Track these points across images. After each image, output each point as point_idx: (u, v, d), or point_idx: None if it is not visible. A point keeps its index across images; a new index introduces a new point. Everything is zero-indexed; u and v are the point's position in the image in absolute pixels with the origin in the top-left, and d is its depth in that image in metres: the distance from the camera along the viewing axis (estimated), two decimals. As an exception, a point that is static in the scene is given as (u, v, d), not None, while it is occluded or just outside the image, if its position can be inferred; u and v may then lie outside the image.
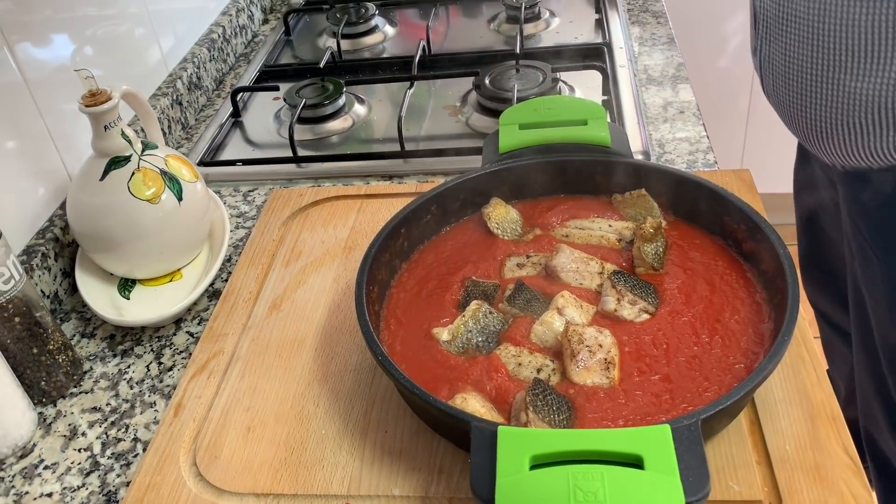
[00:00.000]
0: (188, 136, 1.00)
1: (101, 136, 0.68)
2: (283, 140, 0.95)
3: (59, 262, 0.74)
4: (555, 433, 0.45)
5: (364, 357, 0.61)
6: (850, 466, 0.50)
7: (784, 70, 0.74)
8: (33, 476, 0.59)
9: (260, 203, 0.85)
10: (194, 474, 0.54)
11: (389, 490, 0.51)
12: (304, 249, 0.74)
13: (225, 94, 1.07)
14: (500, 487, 0.42)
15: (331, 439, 0.55)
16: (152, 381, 0.66)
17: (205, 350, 0.64)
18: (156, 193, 0.69)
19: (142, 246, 0.70)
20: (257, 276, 0.71)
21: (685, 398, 0.51)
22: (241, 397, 0.60)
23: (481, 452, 0.44)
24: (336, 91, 0.98)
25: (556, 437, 0.44)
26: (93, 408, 0.64)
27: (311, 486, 0.52)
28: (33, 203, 0.75)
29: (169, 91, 0.97)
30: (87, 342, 0.71)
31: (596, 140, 0.68)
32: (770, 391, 0.55)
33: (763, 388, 0.55)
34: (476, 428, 0.46)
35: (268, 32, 1.25)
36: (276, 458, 0.55)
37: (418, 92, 1.01)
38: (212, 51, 1.09)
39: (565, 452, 0.43)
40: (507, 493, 0.42)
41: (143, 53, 0.97)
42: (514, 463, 0.43)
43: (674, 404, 0.51)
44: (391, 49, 1.16)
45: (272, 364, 0.62)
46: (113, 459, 0.59)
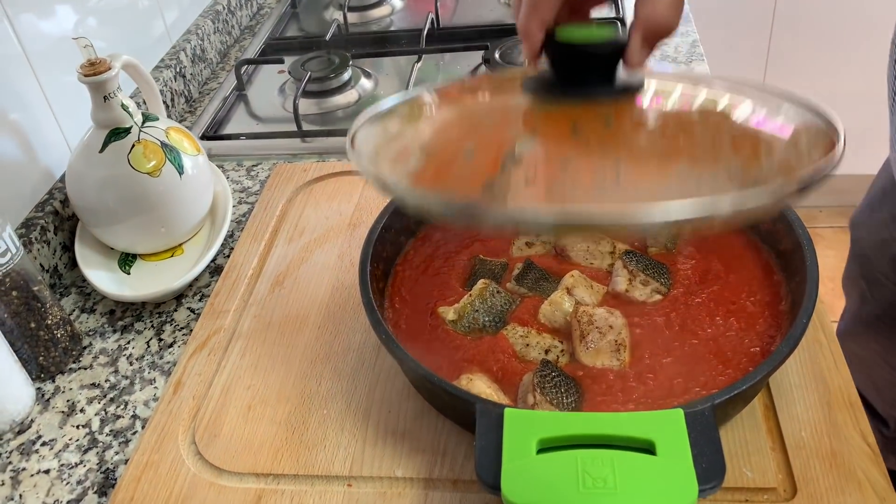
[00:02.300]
0: (191, 109, 0.98)
1: (101, 106, 0.67)
2: (287, 114, 0.93)
3: (58, 235, 0.73)
4: (563, 416, 0.43)
5: (368, 336, 0.60)
6: (867, 453, 0.48)
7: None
8: (31, 452, 0.58)
9: (263, 178, 0.84)
10: (193, 453, 0.53)
11: (392, 471, 0.50)
12: (307, 226, 0.73)
13: (229, 68, 1.05)
14: (505, 472, 0.41)
15: (333, 419, 0.54)
16: (152, 358, 0.64)
17: (205, 326, 0.63)
18: (156, 166, 0.68)
19: (142, 220, 0.69)
20: (260, 253, 0.70)
21: (698, 382, 0.50)
22: (242, 375, 0.58)
23: (487, 435, 0.43)
24: (342, 64, 0.96)
25: (564, 420, 0.43)
26: (92, 384, 0.63)
27: (312, 467, 0.51)
28: (33, 176, 0.73)
29: (172, 63, 0.95)
30: (87, 317, 0.69)
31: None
32: (786, 376, 0.53)
33: (779, 373, 0.53)
34: (481, 410, 0.44)
35: (273, 4, 1.22)
36: (277, 438, 0.53)
37: (426, 66, 0.99)
38: (216, 23, 1.07)
39: (574, 436, 0.42)
40: (513, 478, 0.40)
41: (147, 25, 0.95)
42: (520, 446, 0.42)
43: (686, 388, 0.50)
44: (399, 22, 1.13)
45: (274, 342, 0.61)
46: (111, 436, 0.58)
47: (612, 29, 0.48)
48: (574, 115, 0.46)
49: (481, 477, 0.42)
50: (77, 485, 0.55)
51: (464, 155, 0.45)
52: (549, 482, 0.40)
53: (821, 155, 0.44)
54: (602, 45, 0.46)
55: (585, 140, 0.44)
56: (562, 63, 0.48)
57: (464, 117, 0.50)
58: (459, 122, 0.50)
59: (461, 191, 0.42)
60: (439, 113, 0.53)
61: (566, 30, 0.48)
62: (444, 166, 0.45)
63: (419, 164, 0.46)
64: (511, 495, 0.40)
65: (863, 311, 0.91)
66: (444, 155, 0.46)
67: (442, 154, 0.46)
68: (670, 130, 0.46)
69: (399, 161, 0.47)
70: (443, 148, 0.47)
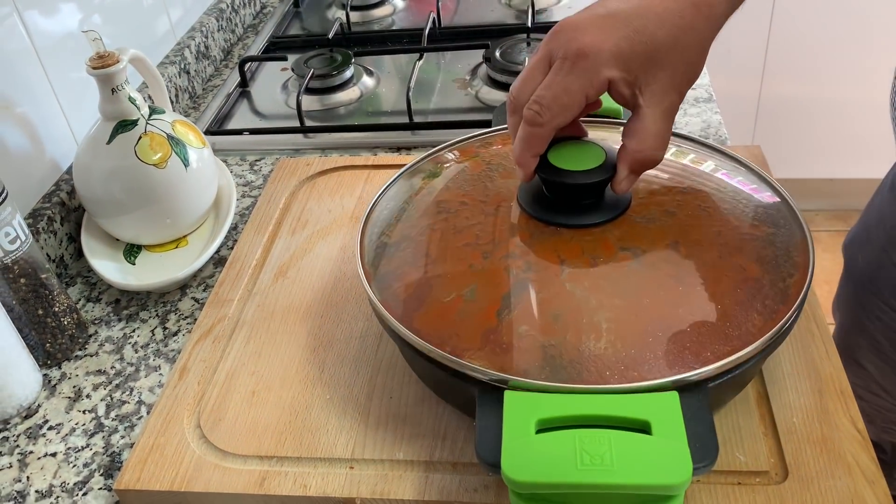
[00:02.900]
0: (195, 105, 0.99)
1: (109, 99, 0.68)
2: (290, 111, 0.94)
3: (64, 226, 0.74)
4: (562, 397, 0.44)
5: (370, 324, 0.61)
6: (857, 439, 0.49)
7: None
8: (38, 436, 0.59)
9: (266, 173, 0.85)
10: (198, 436, 0.54)
11: (393, 454, 0.51)
12: (310, 218, 0.74)
13: (232, 65, 1.07)
14: (506, 451, 0.42)
15: (335, 404, 0.55)
16: (157, 346, 0.65)
17: (210, 315, 0.64)
18: (162, 158, 0.69)
19: (148, 211, 0.70)
20: (263, 244, 0.71)
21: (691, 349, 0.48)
22: (246, 361, 0.59)
23: (487, 416, 0.44)
24: (344, 62, 0.97)
25: (563, 401, 0.44)
26: (97, 370, 0.64)
27: (315, 450, 0.52)
28: (40, 167, 0.74)
29: (177, 59, 0.96)
30: (93, 306, 0.70)
31: (609, 111, 0.67)
32: (778, 365, 0.54)
33: (771, 362, 0.54)
34: (482, 391, 0.45)
35: (276, 4, 1.24)
36: (280, 422, 0.54)
37: (427, 65, 1.00)
38: (220, 20, 1.08)
39: (572, 417, 0.43)
40: (513, 457, 0.41)
41: (152, 22, 0.96)
42: (520, 427, 0.43)
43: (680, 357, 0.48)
44: (400, 22, 1.15)
45: (277, 330, 0.62)
46: (117, 421, 0.59)
47: (600, 153, 0.54)
48: (564, 246, 0.52)
49: (481, 456, 0.42)
50: (83, 467, 0.56)
51: (466, 296, 0.50)
52: (548, 460, 0.41)
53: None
54: (591, 174, 0.52)
55: (574, 281, 0.50)
56: (553, 185, 0.54)
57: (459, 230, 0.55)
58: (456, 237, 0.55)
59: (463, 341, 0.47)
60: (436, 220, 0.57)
61: (558, 154, 0.54)
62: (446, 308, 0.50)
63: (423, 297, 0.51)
64: (511, 473, 0.41)
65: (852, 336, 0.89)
66: (446, 292, 0.51)
67: (445, 290, 0.51)
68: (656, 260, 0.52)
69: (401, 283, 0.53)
70: (446, 283, 0.52)
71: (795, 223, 0.54)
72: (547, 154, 0.53)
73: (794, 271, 0.50)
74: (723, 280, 0.50)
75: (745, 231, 0.54)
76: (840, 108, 1.91)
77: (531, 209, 0.54)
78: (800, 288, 0.49)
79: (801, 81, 1.91)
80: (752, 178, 0.59)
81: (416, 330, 0.48)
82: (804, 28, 1.82)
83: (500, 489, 0.49)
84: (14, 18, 0.71)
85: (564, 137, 0.55)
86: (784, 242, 0.53)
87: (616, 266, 0.50)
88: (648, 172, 0.55)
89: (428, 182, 0.62)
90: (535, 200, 0.55)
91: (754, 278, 0.50)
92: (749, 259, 0.51)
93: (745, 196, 0.57)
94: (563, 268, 0.51)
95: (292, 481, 0.51)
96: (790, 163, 1.95)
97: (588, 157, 0.53)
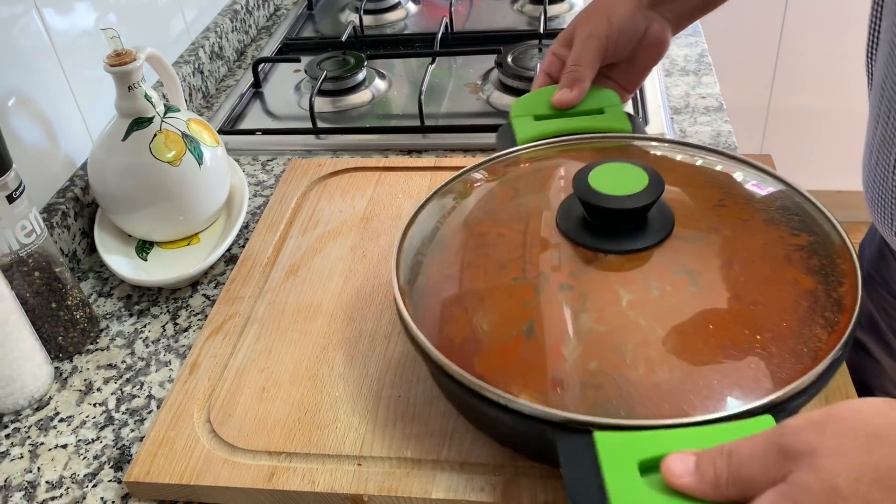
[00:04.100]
0: (208, 104, 1.00)
1: (125, 96, 0.69)
2: (302, 112, 0.95)
3: (78, 221, 0.75)
4: (660, 434, 0.41)
5: (379, 324, 0.62)
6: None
7: None
8: (49, 428, 0.59)
9: (278, 172, 0.86)
10: (208, 431, 0.55)
11: (401, 452, 0.52)
12: (321, 218, 0.74)
13: (246, 66, 1.08)
14: (615, 500, 0.38)
15: (344, 402, 0.56)
16: (168, 341, 0.66)
17: (221, 312, 0.65)
18: (177, 156, 0.70)
19: (161, 207, 0.71)
20: (275, 243, 0.72)
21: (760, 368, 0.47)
22: (257, 358, 0.60)
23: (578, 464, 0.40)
24: (357, 64, 0.98)
25: (663, 437, 0.40)
26: (108, 364, 0.64)
27: (323, 446, 0.53)
28: (55, 163, 0.75)
29: (191, 59, 0.97)
30: (104, 301, 0.71)
31: (615, 129, 0.65)
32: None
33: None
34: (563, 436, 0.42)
35: (290, 6, 1.25)
36: (289, 418, 0.55)
37: (439, 70, 1.01)
38: (234, 21, 1.09)
39: None
40: None
41: (167, 22, 0.97)
42: (623, 471, 0.39)
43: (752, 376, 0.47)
44: (413, 26, 1.16)
45: (288, 327, 0.62)
46: (127, 415, 0.60)
47: (642, 175, 0.52)
48: (616, 273, 0.50)
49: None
50: (94, 459, 0.57)
51: (525, 334, 0.47)
52: (666, 500, 0.37)
53: None
54: (635, 199, 0.50)
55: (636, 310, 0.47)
56: (596, 210, 0.51)
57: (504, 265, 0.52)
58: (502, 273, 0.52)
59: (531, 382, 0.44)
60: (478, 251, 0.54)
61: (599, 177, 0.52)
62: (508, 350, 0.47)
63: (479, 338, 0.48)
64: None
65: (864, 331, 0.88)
66: (503, 330, 0.48)
67: (501, 329, 0.48)
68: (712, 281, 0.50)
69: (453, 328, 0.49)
70: (501, 322, 0.49)
71: (832, 229, 0.53)
72: (588, 177, 0.52)
73: (843, 279, 0.49)
74: (782, 296, 0.48)
75: (788, 241, 0.52)
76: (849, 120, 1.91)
77: (575, 236, 0.51)
78: (853, 297, 0.48)
79: (811, 92, 1.91)
80: (779, 185, 0.57)
81: (481, 375, 0.45)
82: (814, 39, 1.82)
83: (507, 488, 0.49)
84: (33, 15, 0.72)
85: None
86: (826, 250, 0.51)
87: (675, 291, 0.48)
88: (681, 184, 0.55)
89: (458, 213, 0.59)
90: (577, 226, 0.52)
91: (809, 290, 0.48)
92: (800, 270, 0.50)
93: (779, 204, 0.56)
94: (622, 297, 0.48)
95: (301, 477, 0.51)
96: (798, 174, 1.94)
97: (630, 178, 0.51)
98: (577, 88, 0.66)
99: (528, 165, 0.63)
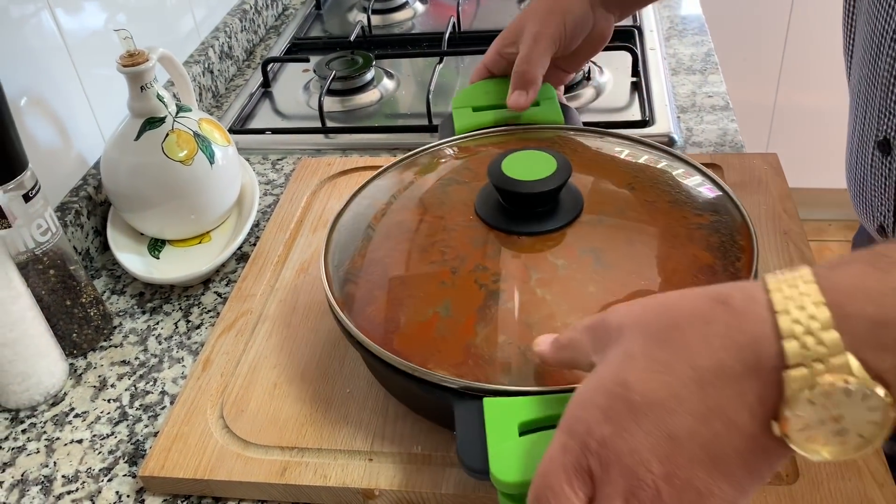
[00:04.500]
0: (218, 104, 1.01)
1: (138, 96, 0.69)
2: (311, 111, 0.96)
3: (91, 220, 0.75)
4: (541, 399, 0.44)
5: (389, 321, 0.62)
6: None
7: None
8: (64, 423, 0.60)
9: (288, 172, 0.86)
10: (221, 426, 0.56)
11: (412, 448, 0.53)
12: (331, 217, 0.75)
13: (255, 66, 1.08)
14: (493, 455, 0.42)
15: (355, 398, 0.57)
16: (180, 338, 0.67)
17: (233, 309, 0.66)
18: (188, 155, 0.70)
19: (173, 206, 0.72)
20: (285, 241, 0.72)
21: None
22: (269, 355, 0.61)
23: (468, 425, 0.45)
24: (365, 64, 0.98)
25: (543, 402, 0.44)
26: (122, 361, 0.65)
27: (335, 442, 0.54)
28: (68, 162, 0.76)
29: (201, 59, 0.98)
30: (117, 299, 0.72)
31: (549, 119, 0.69)
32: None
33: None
34: (459, 402, 0.46)
35: (298, 6, 1.25)
36: (301, 414, 0.56)
37: (446, 69, 1.01)
38: (243, 21, 1.10)
39: (554, 416, 0.42)
40: (501, 460, 0.42)
41: (177, 22, 0.98)
42: (503, 431, 0.43)
43: None
44: (420, 26, 1.16)
45: (299, 324, 0.63)
46: (141, 411, 0.61)
47: (551, 160, 0.56)
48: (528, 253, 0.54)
49: (467, 464, 0.43)
50: (108, 454, 0.58)
51: (441, 313, 0.51)
52: (535, 458, 0.40)
53: None
54: (545, 182, 0.54)
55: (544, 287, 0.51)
56: (509, 195, 0.55)
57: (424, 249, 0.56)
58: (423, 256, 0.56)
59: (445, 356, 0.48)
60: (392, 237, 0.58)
61: (512, 164, 0.56)
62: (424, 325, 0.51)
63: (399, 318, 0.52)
64: (501, 475, 0.41)
65: None
66: (421, 309, 0.52)
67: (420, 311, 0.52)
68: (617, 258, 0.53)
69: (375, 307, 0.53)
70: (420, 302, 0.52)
71: (734, 209, 0.57)
72: (501, 164, 0.56)
73: (740, 254, 0.53)
74: (681, 271, 0.52)
75: (691, 221, 0.56)
76: (855, 119, 1.91)
77: (491, 220, 0.56)
78: (749, 270, 0.51)
79: (817, 90, 1.91)
80: (690, 170, 0.61)
81: (397, 351, 0.49)
82: (820, 37, 1.82)
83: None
84: (45, 15, 0.73)
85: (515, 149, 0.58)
86: (727, 227, 0.55)
87: (580, 268, 0.52)
88: (594, 171, 0.59)
89: (386, 202, 0.62)
90: (493, 211, 0.56)
91: (707, 265, 0.52)
92: (700, 247, 0.53)
93: (685, 187, 0.60)
94: (531, 275, 0.52)
95: (313, 471, 0.52)
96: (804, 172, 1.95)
97: (540, 165, 0.55)
98: (531, 91, 0.67)
99: (459, 155, 0.67)
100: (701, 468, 0.33)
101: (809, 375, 0.31)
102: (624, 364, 0.35)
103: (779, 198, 0.71)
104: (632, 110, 0.90)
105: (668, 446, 0.33)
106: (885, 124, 0.56)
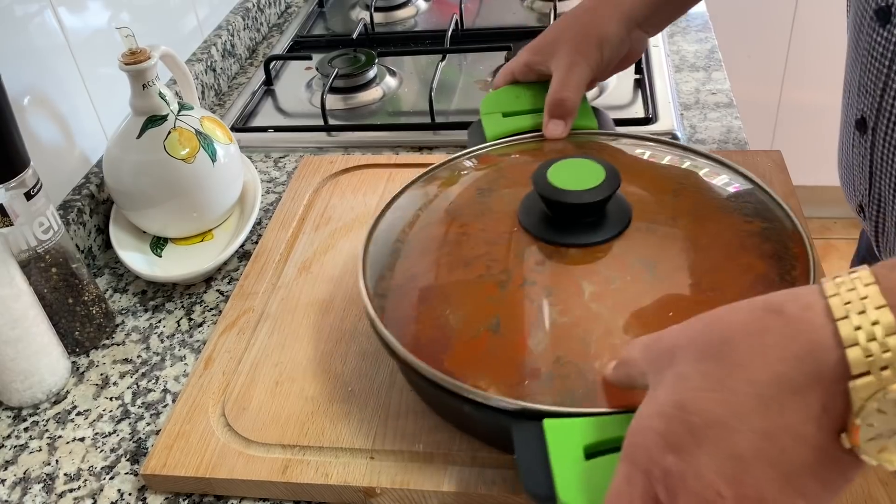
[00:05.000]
0: (220, 102, 1.01)
1: (140, 94, 0.69)
2: (313, 109, 0.96)
3: (93, 218, 0.76)
4: (607, 420, 0.42)
5: (391, 319, 0.62)
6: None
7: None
8: (66, 421, 0.60)
9: (290, 169, 0.86)
10: (223, 424, 0.56)
11: (413, 446, 0.52)
12: (333, 215, 0.75)
13: (257, 64, 1.08)
14: (560, 480, 0.40)
15: (357, 396, 0.56)
16: (182, 336, 0.67)
17: (235, 307, 0.66)
18: (191, 153, 0.70)
19: (175, 204, 0.71)
20: (287, 239, 0.72)
21: None
22: (271, 353, 0.61)
23: (528, 449, 0.42)
24: (368, 62, 0.98)
25: (608, 423, 0.42)
26: (124, 359, 0.65)
27: (336, 440, 0.53)
28: (70, 160, 0.76)
29: (203, 57, 0.98)
30: (120, 297, 0.72)
31: (582, 125, 0.67)
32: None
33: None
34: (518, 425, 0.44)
35: (301, 4, 1.25)
36: (302, 412, 0.56)
37: (449, 67, 1.01)
38: (246, 19, 1.10)
39: (620, 438, 0.39)
40: (569, 486, 0.40)
41: (180, 20, 0.98)
42: (568, 455, 0.41)
43: None
44: (423, 23, 1.16)
45: (301, 323, 0.63)
46: (143, 409, 0.61)
47: (599, 169, 0.53)
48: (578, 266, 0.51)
49: (531, 491, 0.41)
50: (111, 452, 0.58)
51: (491, 328, 0.48)
52: (604, 484, 0.38)
53: None
54: (594, 192, 0.52)
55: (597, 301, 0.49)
56: (556, 205, 0.53)
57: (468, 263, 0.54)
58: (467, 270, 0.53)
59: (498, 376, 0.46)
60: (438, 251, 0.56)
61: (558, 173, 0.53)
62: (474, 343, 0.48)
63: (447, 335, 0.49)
64: (571, 501, 0.39)
65: None
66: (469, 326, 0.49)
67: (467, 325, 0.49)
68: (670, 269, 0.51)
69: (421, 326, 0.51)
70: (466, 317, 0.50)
71: (784, 215, 0.55)
72: (547, 173, 0.53)
73: (795, 262, 0.51)
74: (737, 281, 0.50)
75: (742, 228, 0.54)
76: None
77: (536, 231, 0.53)
78: (806, 279, 0.49)
79: (822, 88, 1.90)
80: (734, 175, 0.60)
81: (449, 371, 0.47)
82: (825, 34, 1.81)
83: (518, 482, 0.50)
84: (48, 13, 0.73)
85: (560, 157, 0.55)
86: (778, 235, 0.53)
87: (634, 281, 0.50)
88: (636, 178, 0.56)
89: (424, 211, 0.60)
90: (538, 222, 0.54)
91: (763, 274, 0.50)
92: (754, 256, 0.51)
93: (731, 193, 0.58)
94: (584, 289, 0.49)
95: (314, 470, 0.52)
96: (809, 170, 1.94)
97: (587, 173, 0.53)
98: (569, 121, 0.65)
99: (494, 162, 0.65)
100: (772, 486, 0.31)
101: (877, 384, 0.29)
102: (678, 385, 0.34)
103: (783, 195, 0.71)
104: (635, 107, 0.90)
105: (734, 466, 0.32)
106: (862, 103, 0.55)
